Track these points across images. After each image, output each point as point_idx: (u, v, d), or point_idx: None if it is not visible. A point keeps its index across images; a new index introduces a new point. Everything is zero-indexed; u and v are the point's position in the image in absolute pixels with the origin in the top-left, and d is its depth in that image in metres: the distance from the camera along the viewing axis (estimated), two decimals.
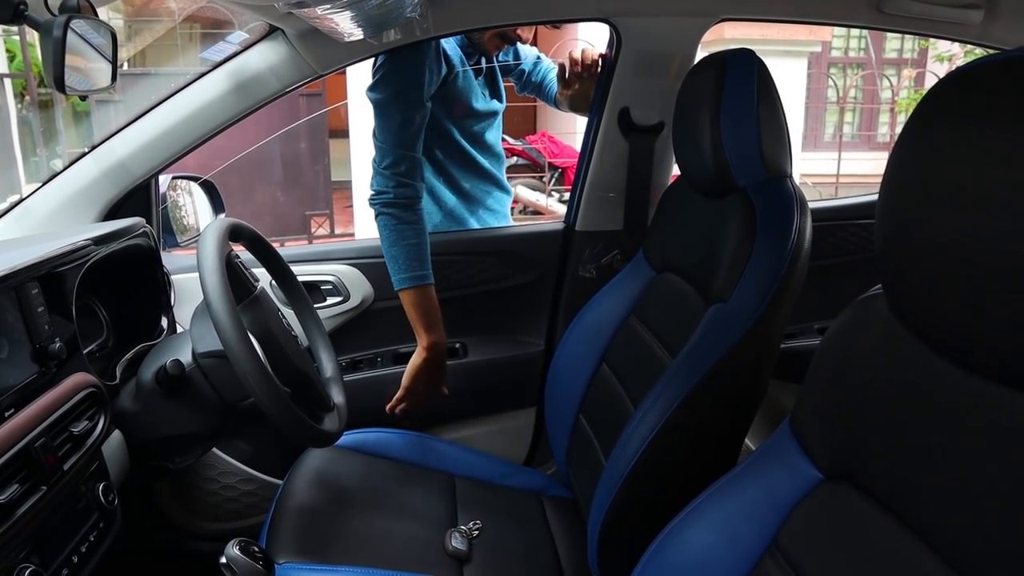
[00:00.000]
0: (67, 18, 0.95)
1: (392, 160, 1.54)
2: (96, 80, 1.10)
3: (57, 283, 1.07)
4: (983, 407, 0.59)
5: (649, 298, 1.37)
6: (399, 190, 1.55)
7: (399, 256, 1.55)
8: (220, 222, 1.13)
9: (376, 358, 1.75)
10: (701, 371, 1.04)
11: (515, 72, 1.92)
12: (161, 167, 1.48)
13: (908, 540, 0.63)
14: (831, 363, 0.77)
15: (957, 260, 0.57)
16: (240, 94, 1.46)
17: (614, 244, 1.73)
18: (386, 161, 1.55)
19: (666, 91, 1.55)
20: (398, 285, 1.56)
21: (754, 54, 1.18)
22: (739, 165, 1.16)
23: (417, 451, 1.50)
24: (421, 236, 1.57)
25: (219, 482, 1.59)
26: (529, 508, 1.44)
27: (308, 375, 1.20)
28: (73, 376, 1.04)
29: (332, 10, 1.08)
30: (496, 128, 1.84)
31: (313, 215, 6.43)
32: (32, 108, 6.55)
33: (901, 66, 9.49)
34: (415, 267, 1.55)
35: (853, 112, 9.53)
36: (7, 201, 1.46)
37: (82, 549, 0.98)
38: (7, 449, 0.86)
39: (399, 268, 1.55)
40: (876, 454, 0.69)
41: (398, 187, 1.54)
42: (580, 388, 1.41)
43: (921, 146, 0.61)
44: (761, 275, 1.05)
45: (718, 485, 0.85)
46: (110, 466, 1.08)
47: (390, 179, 1.54)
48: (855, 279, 1.27)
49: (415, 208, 1.57)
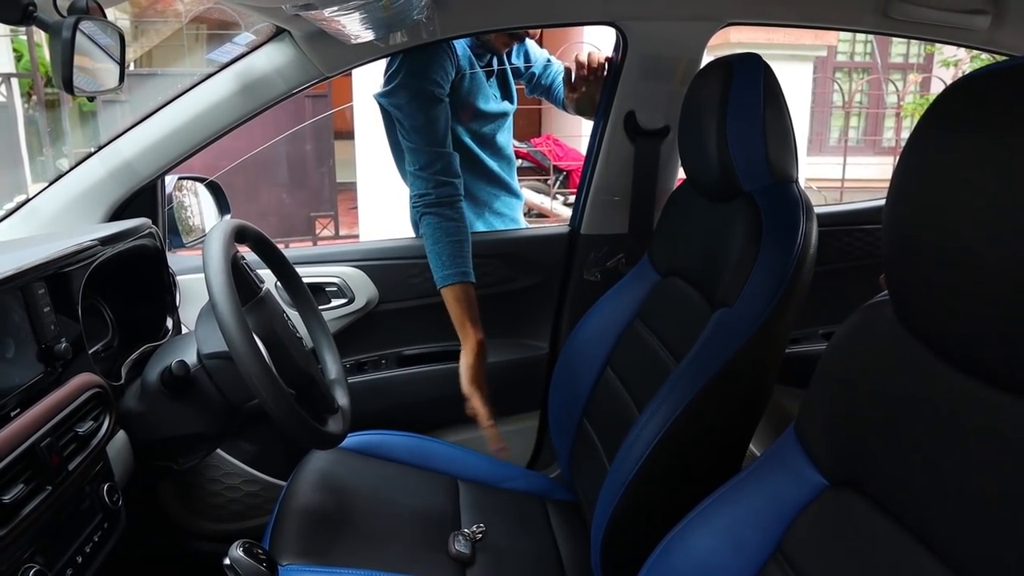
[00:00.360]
0: (76, 19, 0.95)
1: (426, 160, 1.54)
2: (104, 81, 1.11)
3: (63, 283, 1.07)
4: (988, 414, 0.59)
5: (654, 302, 1.36)
6: (440, 189, 1.54)
7: (442, 253, 1.54)
8: (226, 223, 1.13)
9: (380, 360, 1.75)
10: (706, 376, 1.03)
11: (525, 74, 1.92)
12: (167, 168, 1.49)
13: (913, 546, 0.63)
14: (836, 369, 0.77)
15: (964, 267, 0.57)
16: (246, 95, 1.46)
17: (619, 248, 1.73)
18: (420, 162, 1.54)
19: (672, 95, 1.55)
20: (442, 282, 1.55)
21: (760, 59, 1.18)
22: (745, 169, 1.16)
23: (421, 453, 1.50)
24: (463, 233, 1.57)
25: (223, 483, 1.59)
26: (532, 511, 1.44)
27: (312, 377, 1.20)
28: (78, 376, 1.04)
29: (339, 12, 1.09)
30: (507, 130, 1.84)
31: (318, 216, 6.43)
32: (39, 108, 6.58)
33: (907, 71, 9.48)
34: (459, 263, 1.55)
35: (858, 117, 9.52)
36: (14, 201, 1.46)
37: (86, 549, 0.98)
38: (13, 449, 0.86)
39: (443, 265, 1.54)
40: (881, 460, 0.68)
41: (438, 187, 1.54)
42: (584, 392, 1.41)
43: (928, 153, 0.61)
44: (766, 280, 1.05)
45: (722, 490, 0.85)
46: (114, 466, 1.09)
47: (428, 180, 1.54)
48: (860, 284, 1.27)
49: (457, 205, 1.57)
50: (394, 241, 1.77)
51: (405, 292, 1.70)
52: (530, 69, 1.90)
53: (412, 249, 1.71)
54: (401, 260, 1.69)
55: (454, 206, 1.56)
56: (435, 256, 1.55)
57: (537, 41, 1.91)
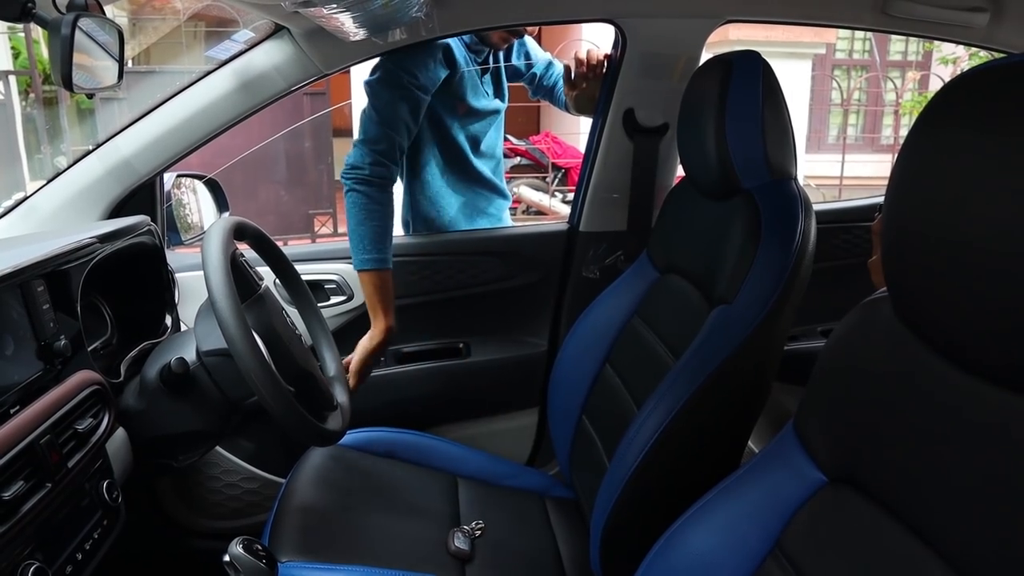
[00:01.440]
0: (75, 16, 0.95)
1: (374, 136, 1.55)
2: (103, 78, 1.10)
3: (62, 280, 1.07)
4: (987, 411, 0.59)
5: (653, 299, 1.37)
6: (375, 168, 1.55)
7: (364, 236, 1.55)
8: (224, 220, 1.13)
9: (379, 357, 1.75)
10: (705, 373, 1.03)
11: (527, 76, 1.92)
12: (166, 165, 1.49)
13: (911, 543, 0.63)
14: (835, 366, 0.77)
15: (962, 265, 0.57)
16: (245, 93, 1.46)
17: (618, 245, 1.73)
18: (367, 135, 1.55)
19: (671, 92, 1.55)
20: (360, 266, 1.56)
21: (759, 56, 1.18)
22: (743, 167, 1.16)
23: (420, 451, 1.50)
24: (388, 219, 1.57)
25: (222, 480, 1.59)
26: (532, 508, 1.44)
27: (312, 374, 1.20)
28: (78, 373, 1.04)
29: (338, 9, 1.09)
30: (497, 128, 1.84)
31: (316, 214, 6.43)
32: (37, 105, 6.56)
33: (905, 68, 9.48)
34: (380, 249, 1.55)
35: (857, 114, 9.52)
36: (12, 198, 1.46)
37: (86, 546, 0.98)
38: (12, 446, 0.86)
39: (364, 249, 1.55)
40: (879, 457, 0.69)
41: (374, 164, 1.55)
42: (583, 389, 1.42)
43: (927, 151, 0.61)
44: (765, 277, 1.05)
45: (721, 487, 0.85)
46: (114, 464, 1.09)
47: (367, 155, 1.55)
48: (859, 281, 1.28)
49: (387, 189, 1.57)
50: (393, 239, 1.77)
51: (404, 289, 1.70)
52: (532, 69, 1.90)
53: (410, 247, 1.71)
54: (400, 258, 1.69)
55: (384, 189, 1.56)
56: (357, 237, 1.55)
57: (535, 39, 1.91)
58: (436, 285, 1.72)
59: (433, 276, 1.72)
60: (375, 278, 1.56)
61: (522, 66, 1.90)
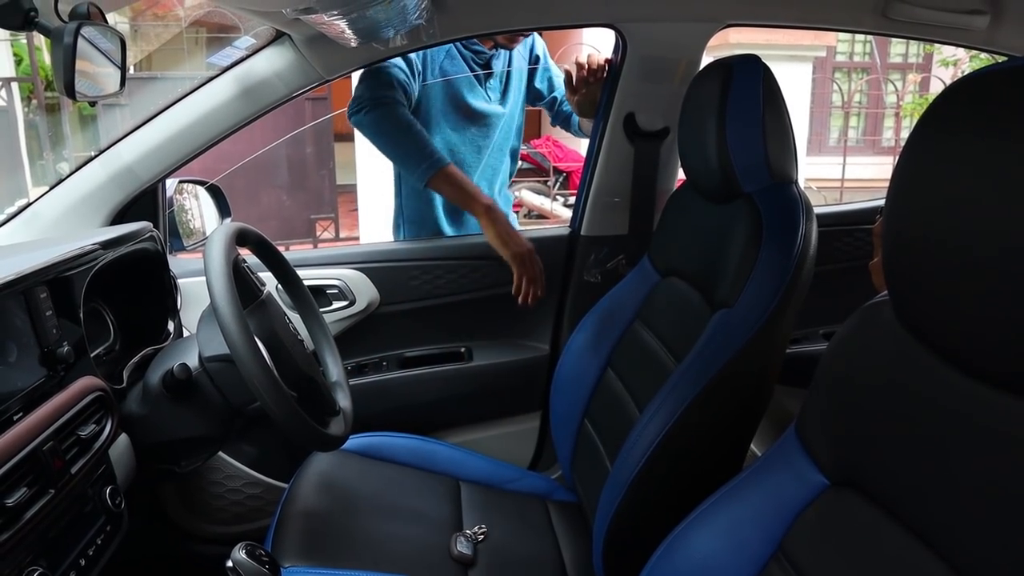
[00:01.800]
0: (77, 25, 0.95)
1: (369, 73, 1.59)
2: (105, 85, 1.11)
3: (65, 287, 1.07)
4: (989, 414, 0.59)
5: (654, 303, 1.37)
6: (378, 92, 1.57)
7: (411, 145, 1.55)
8: (227, 226, 1.13)
9: (381, 362, 1.75)
10: (706, 376, 1.04)
11: (547, 100, 1.92)
12: (168, 171, 1.49)
13: (914, 546, 0.63)
14: (837, 369, 0.77)
15: (963, 268, 0.57)
16: (246, 99, 1.46)
17: (619, 249, 1.73)
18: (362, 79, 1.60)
19: (671, 96, 1.56)
20: (426, 174, 1.55)
21: (760, 60, 1.18)
22: (744, 170, 1.16)
23: (422, 455, 1.50)
24: (415, 125, 1.58)
25: (225, 485, 1.59)
26: (534, 512, 1.44)
27: (314, 379, 1.20)
28: (81, 380, 1.04)
29: (339, 16, 1.09)
30: (499, 133, 1.83)
31: (318, 219, 6.44)
32: (39, 112, 6.58)
33: (906, 70, 9.47)
34: (431, 150, 1.56)
35: (858, 117, 9.52)
36: (15, 205, 1.47)
37: (89, 552, 0.98)
38: (15, 453, 0.86)
39: (420, 158, 1.55)
40: (881, 460, 0.69)
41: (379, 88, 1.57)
42: (585, 393, 1.42)
43: (927, 154, 0.61)
44: (767, 280, 1.05)
45: (724, 491, 0.85)
46: (117, 469, 1.09)
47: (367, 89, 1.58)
48: (861, 284, 1.28)
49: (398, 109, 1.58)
50: (395, 243, 1.78)
51: (406, 294, 1.70)
52: (552, 93, 1.91)
53: (413, 251, 1.71)
54: (402, 262, 1.69)
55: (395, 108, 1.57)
56: (405, 153, 1.55)
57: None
58: (438, 290, 1.72)
59: (435, 281, 1.72)
60: (448, 175, 1.56)
61: (544, 89, 1.90)
